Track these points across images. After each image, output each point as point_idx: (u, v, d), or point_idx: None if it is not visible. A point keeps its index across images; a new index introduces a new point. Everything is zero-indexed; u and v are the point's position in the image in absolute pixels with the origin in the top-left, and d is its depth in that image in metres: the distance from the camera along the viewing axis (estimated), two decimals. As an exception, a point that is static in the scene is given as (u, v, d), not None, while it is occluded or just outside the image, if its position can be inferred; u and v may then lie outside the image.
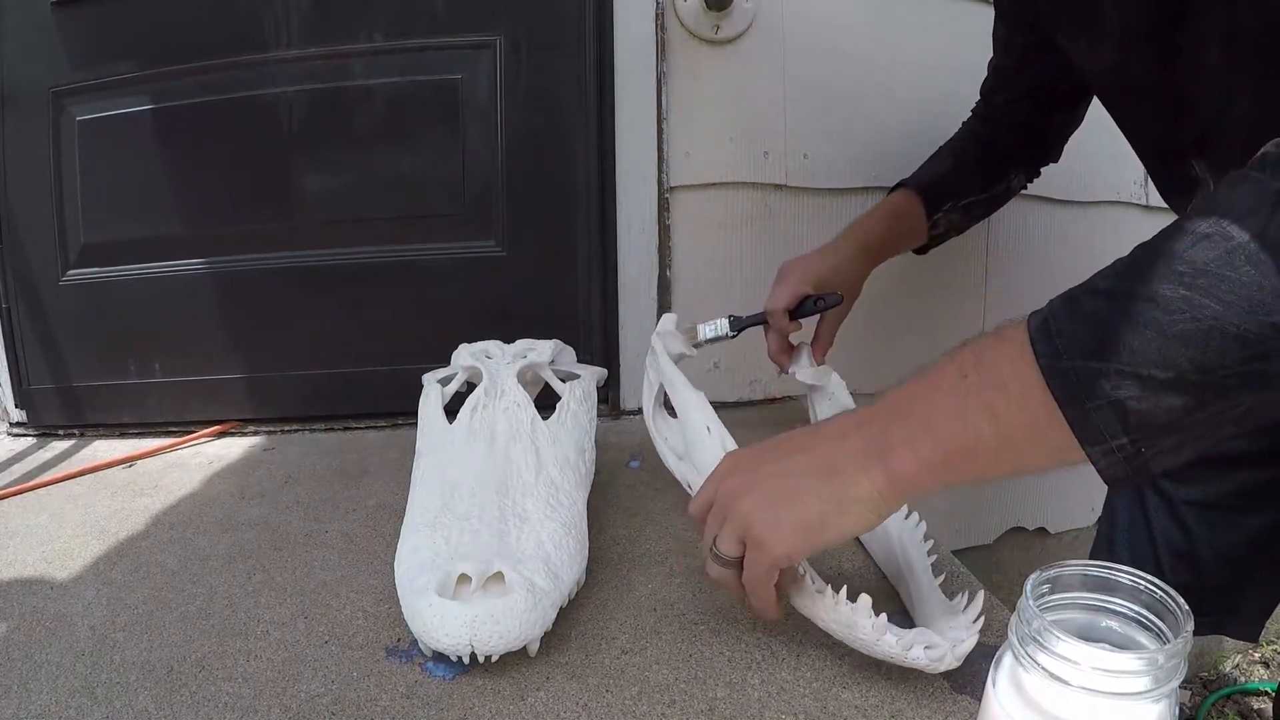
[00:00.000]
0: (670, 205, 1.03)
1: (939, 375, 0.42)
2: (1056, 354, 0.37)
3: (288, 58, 1.00)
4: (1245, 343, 0.33)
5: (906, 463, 0.42)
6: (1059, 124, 0.84)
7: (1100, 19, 0.58)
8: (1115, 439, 0.36)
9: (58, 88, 1.01)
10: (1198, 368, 0.34)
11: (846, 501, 0.43)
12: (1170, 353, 0.34)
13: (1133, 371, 0.35)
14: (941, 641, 0.46)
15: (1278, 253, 0.33)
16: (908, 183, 0.86)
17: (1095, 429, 0.36)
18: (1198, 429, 0.36)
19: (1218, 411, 0.35)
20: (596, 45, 0.99)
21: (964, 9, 1.02)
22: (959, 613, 0.49)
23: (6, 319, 1.06)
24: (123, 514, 0.78)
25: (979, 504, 1.26)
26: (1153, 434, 0.36)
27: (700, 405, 0.64)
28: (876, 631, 0.46)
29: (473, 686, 0.49)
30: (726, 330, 0.82)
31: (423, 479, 0.64)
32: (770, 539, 0.45)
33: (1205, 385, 0.34)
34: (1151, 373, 0.35)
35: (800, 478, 0.45)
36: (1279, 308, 0.33)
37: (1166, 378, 0.35)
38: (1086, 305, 0.38)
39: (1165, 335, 0.34)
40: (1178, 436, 0.36)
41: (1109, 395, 0.36)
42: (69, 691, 0.49)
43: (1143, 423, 0.36)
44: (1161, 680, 0.30)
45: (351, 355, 1.05)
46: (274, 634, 0.55)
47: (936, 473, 0.42)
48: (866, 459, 0.43)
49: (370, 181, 1.03)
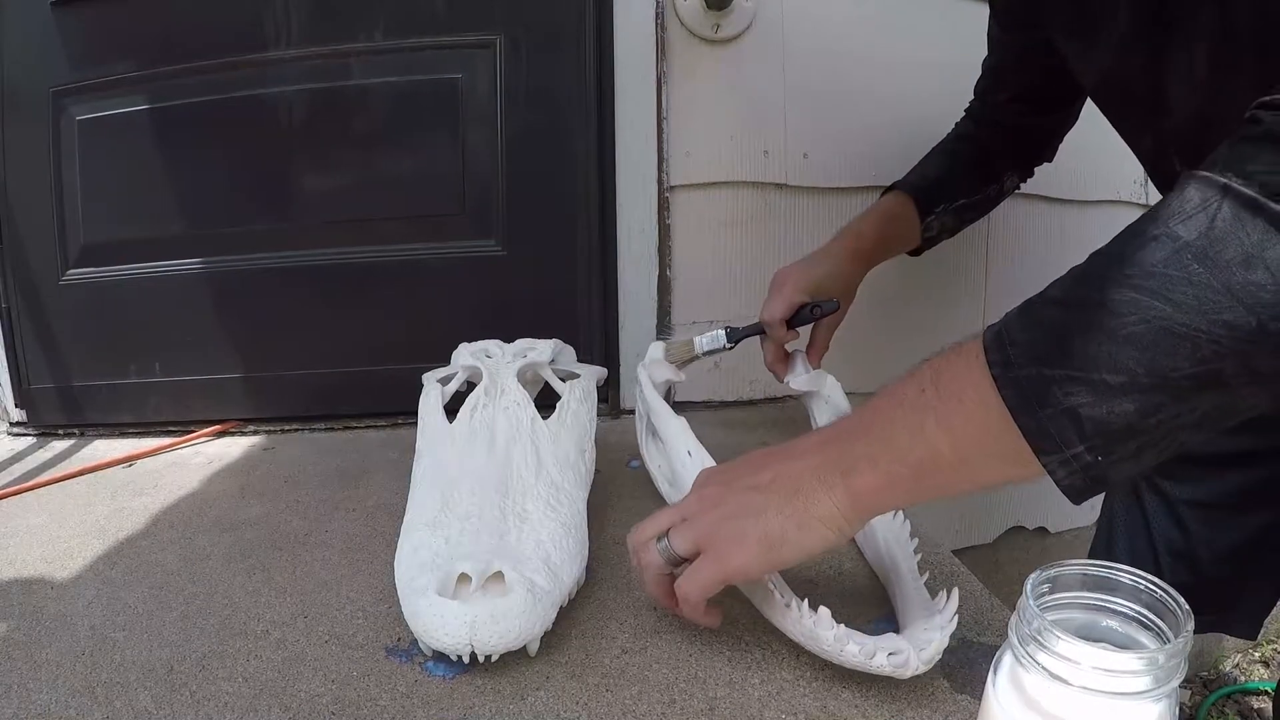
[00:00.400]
0: (670, 205, 1.03)
1: (900, 391, 0.42)
2: (1009, 363, 0.37)
3: (288, 58, 1.00)
4: (1196, 343, 0.33)
5: (867, 479, 0.42)
6: (1053, 123, 0.84)
7: (1097, 20, 0.58)
8: (1071, 447, 0.36)
9: (58, 88, 1.01)
10: (1149, 370, 0.34)
11: (808, 520, 0.44)
12: (1121, 356, 0.34)
13: (1084, 377, 0.35)
14: (905, 646, 0.45)
15: (1225, 248, 0.32)
16: (900, 185, 0.86)
17: (1050, 438, 0.36)
18: (1154, 434, 0.35)
19: (1174, 415, 0.35)
20: (596, 45, 0.99)
21: (964, 9, 1.02)
22: (937, 612, 0.48)
23: (6, 319, 1.07)
24: (123, 514, 0.78)
25: (979, 504, 1.26)
26: (1108, 441, 0.35)
27: (681, 431, 0.66)
28: (838, 643, 0.46)
29: (473, 686, 0.49)
30: (724, 342, 0.82)
31: (423, 478, 0.64)
32: (730, 552, 0.45)
33: (1158, 388, 0.34)
34: (1104, 378, 0.34)
35: (766, 494, 0.45)
36: (1228, 304, 0.32)
37: (1119, 382, 0.34)
38: (1039, 313, 0.38)
39: (1115, 339, 0.34)
40: (1134, 443, 0.36)
41: (1062, 403, 0.35)
42: (69, 691, 0.49)
43: (1098, 430, 0.35)
44: (1162, 680, 0.30)
45: (351, 355, 1.05)
46: (274, 634, 0.55)
47: (897, 489, 0.42)
48: (828, 477, 0.43)
49: (370, 181, 1.03)
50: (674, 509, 0.50)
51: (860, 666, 0.46)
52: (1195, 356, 0.33)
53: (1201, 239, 0.33)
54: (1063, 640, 0.31)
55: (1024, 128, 0.84)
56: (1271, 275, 0.32)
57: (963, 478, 0.41)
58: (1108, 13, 0.57)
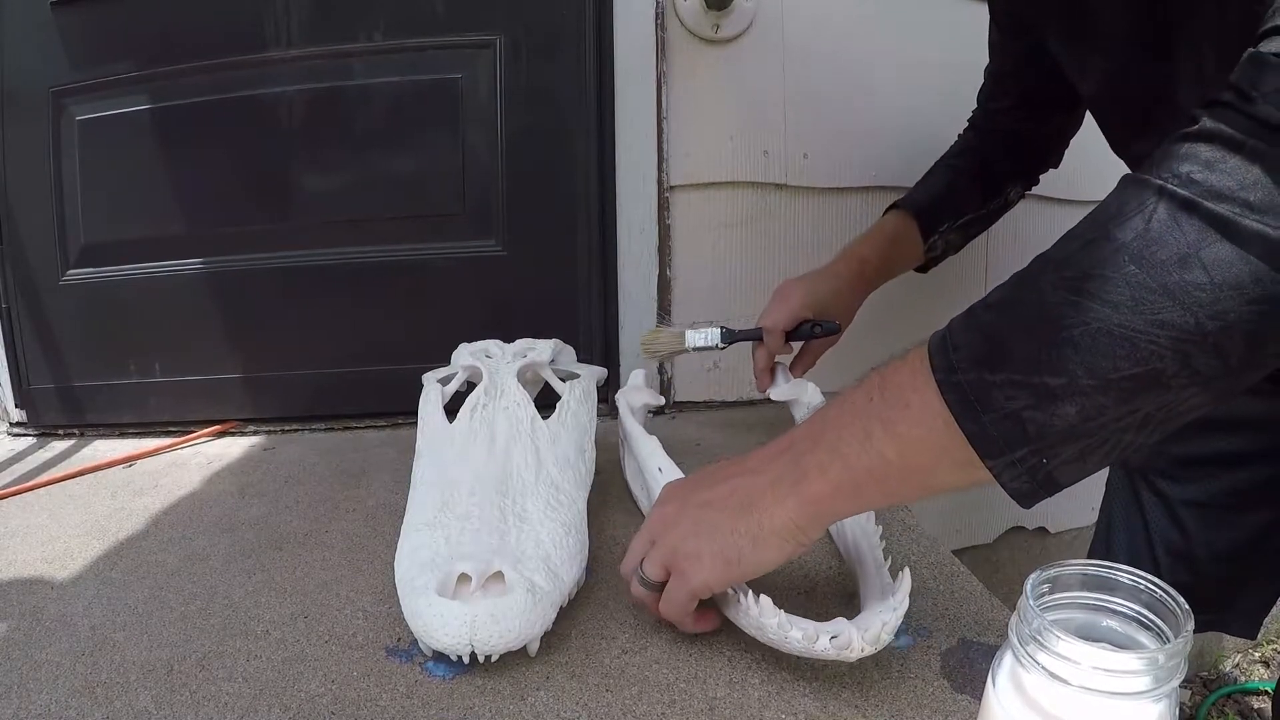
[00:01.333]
0: (670, 205, 1.03)
1: (850, 400, 0.42)
2: (951, 368, 0.37)
3: (288, 57, 1.00)
4: (1135, 343, 0.33)
5: (818, 487, 0.42)
6: (1058, 126, 0.83)
7: (1094, 24, 0.58)
8: (1015, 450, 0.36)
9: (58, 88, 1.01)
10: (1089, 372, 0.34)
11: (762, 535, 0.44)
12: (1061, 359, 0.34)
13: (1025, 381, 0.35)
14: (847, 629, 0.46)
15: (1160, 249, 0.32)
16: (903, 203, 0.86)
17: (993, 442, 0.36)
18: (1098, 436, 0.35)
19: (1116, 417, 0.35)
20: (596, 45, 0.99)
21: (964, 9, 1.02)
22: (891, 594, 0.49)
23: (6, 319, 1.06)
24: (122, 514, 0.78)
25: (979, 504, 1.26)
26: (1052, 444, 0.35)
27: (653, 450, 0.68)
28: (782, 630, 0.46)
29: (473, 686, 0.49)
30: (717, 341, 0.82)
31: (423, 479, 0.64)
32: (690, 570, 0.47)
33: (1099, 390, 0.34)
34: (1044, 380, 0.34)
35: (719, 510, 0.46)
36: (1166, 304, 0.32)
37: (1059, 385, 0.34)
38: (980, 318, 0.38)
39: (1055, 341, 0.34)
40: (1077, 445, 0.35)
41: (1004, 407, 0.35)
42: (69, 691, 0.49)
43: (1040, 433, 0.35)
44: (1162, 680, 0.30)
45: (351, 355, 1.05)
46: (274, 634, 0.55)
47: (849, 496, 0.42)
48: (780, 490, 0.44)
49: (370, 181, 1.03)
50: (641, 535, 0.51)
51: (804, 652, 0.46)
52: (1134, 357, 0.33)
53: (1138, 240, 0.33)
54: (1063, 640, 0.31)
55: (1025, 134, 0.84)
56: (1208, 274, 0.32)
57: (912, 483, 0.41)
58: (1105, 16, 0.57)
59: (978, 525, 1.27)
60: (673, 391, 1.08)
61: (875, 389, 0.41)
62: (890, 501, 0.44)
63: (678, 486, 0.52)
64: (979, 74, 0.86)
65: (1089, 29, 0.60)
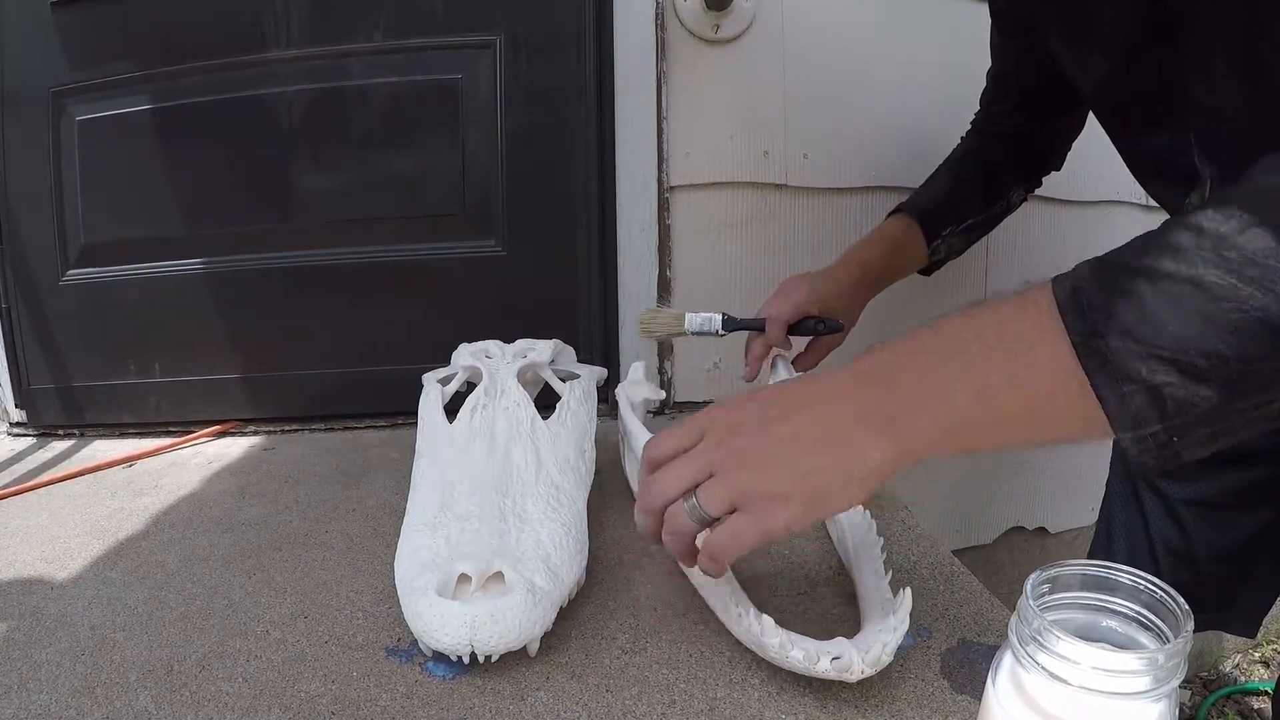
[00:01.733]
0: (670, 205, 1.03)
1: (951, 336, 0.39)
2: (1092, 330, 0.35)
3: (288, 58, 1.00)
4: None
5: (919, 431, 0.39)
6: (1059, 128, 0.83)
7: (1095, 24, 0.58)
8: (1149, 425, 0.35)
9: (58, 88, 1.01)
10: (1241, 359, 0.33)
11: (852, 475, 0.41)
12: (1214, 342, 0.33)
13: (1173, 357, 0.33)
14: (848, 650, 0.45)
15: None
16: (905, 208, 0.85)
17: (1129, 413, 0.35)
18: (1233, 421, 0.34)
19: (1255, 405, 0.34)
20: (596, 45, 0.99)
21: (964, 9, 1.02)
22: (892, 613, 0.48)
23: (6, 319, 1.06)
24: (122, 514, 0.78)
25: (979, 504, 1.26)
26: (1188, 423, 0.34)
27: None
28: (783, 650, 0.46)
29: (473, 686, 0.49)
30: (717, 327, 0.81)
31: (423, 479, 0.64)
32: (773, 510, 0.42)
33: (1245, 377, 0.33)
34: (1193, 360, 0.33)
35: (802, 445, 0.42)
36: None
37: (1207, 366, 0.33)
38: (1121, 282, 0.35)
39: (1211, 323, 0.33)
40: (1211, 428, 0.35)
41: (1146, 380, 0.34)
42: (69, 691, 0.49)
43: (1179, 411, 0.34)
44: (1162, 680, 0.30)
45: (351, 355, 1.05)
46: (274, 634, 0.55)
47: (950, 441, 0.39)
48: (871, 426, 0.40)
49: (370, 181, 1.03)
50: (694, 460, 0.45)
51: (805, 672, 0.46)
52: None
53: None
54: (1063, 640, 0.31)
55: (1027, 136, 0.84)
56: None
57: (1020, 433, 0.39)
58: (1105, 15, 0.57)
59: (977, 525, 1.27)
60: (673, 391, 1.08)
61: (990, 331, 0.38)
62: (989, 449, 0.41)
63: (735, 412, 0.45)
64: (979, 75, 0.86)
65: (1089, 28, 0.60)
